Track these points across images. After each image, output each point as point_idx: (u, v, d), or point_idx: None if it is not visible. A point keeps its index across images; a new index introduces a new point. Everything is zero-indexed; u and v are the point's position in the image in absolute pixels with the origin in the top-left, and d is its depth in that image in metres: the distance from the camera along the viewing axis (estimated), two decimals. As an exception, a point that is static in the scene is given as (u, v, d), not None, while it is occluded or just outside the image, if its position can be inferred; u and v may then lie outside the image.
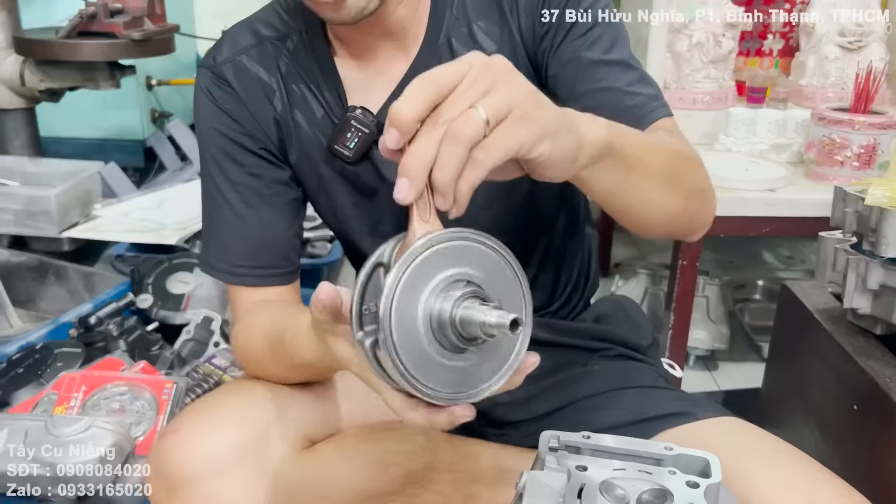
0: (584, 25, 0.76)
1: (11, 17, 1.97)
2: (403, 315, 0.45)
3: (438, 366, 0.47)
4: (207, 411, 0.76)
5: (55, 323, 1.30)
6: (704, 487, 0.60)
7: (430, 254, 0.46)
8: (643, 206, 0.66)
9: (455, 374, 0.49)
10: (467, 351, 0.48)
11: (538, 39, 0.77)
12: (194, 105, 0.85)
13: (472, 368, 0.49)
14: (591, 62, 0.75)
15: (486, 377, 0.50)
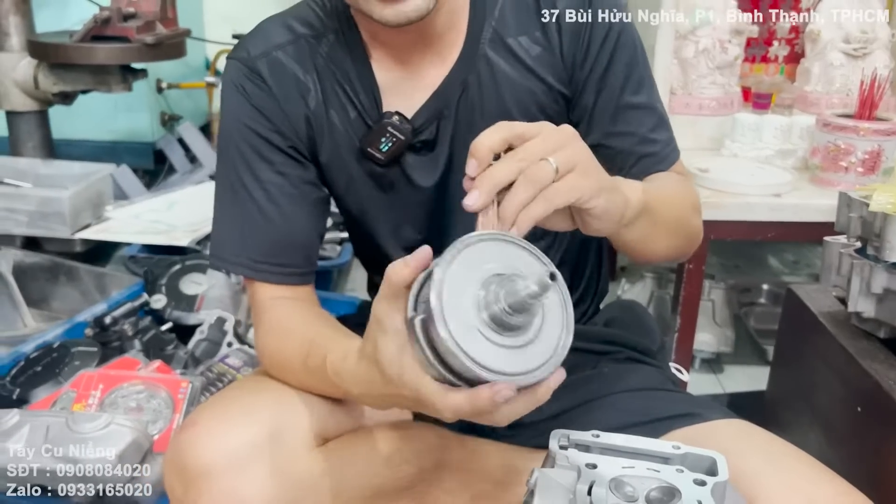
0: (622, 65, 0.80)
1: (25, 20, 2.02)
2: (455, 287, 0.50)
3: (485, 341, 0.50)
4: (224, 407, 0.77)
5: (71, 322, 1.32)
6: (711, 485, 0.61)
7: (480, 243, 0.53)
8: (653, 249, 0.76)
9: (501, 353, 0.51)
10: (514, 329, 0.51)
11: (579, 64, 0.80)
12: (222, 97, 0.84)
13: (519, 351, 0.51)
14: (623, 105, 0.81)
15: (533, 363, 0.51)
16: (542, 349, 0.52)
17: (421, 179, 0.85)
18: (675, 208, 0.77)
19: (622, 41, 0.80)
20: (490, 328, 0.51)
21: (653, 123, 0.82)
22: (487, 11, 0.81)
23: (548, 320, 0.53)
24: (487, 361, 0.50)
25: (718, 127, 1.58)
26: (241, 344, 1.25)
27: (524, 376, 0.51)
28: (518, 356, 0.51)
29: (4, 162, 2.01)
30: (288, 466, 0.74)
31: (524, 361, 0.51)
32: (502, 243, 0.54)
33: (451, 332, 0.49)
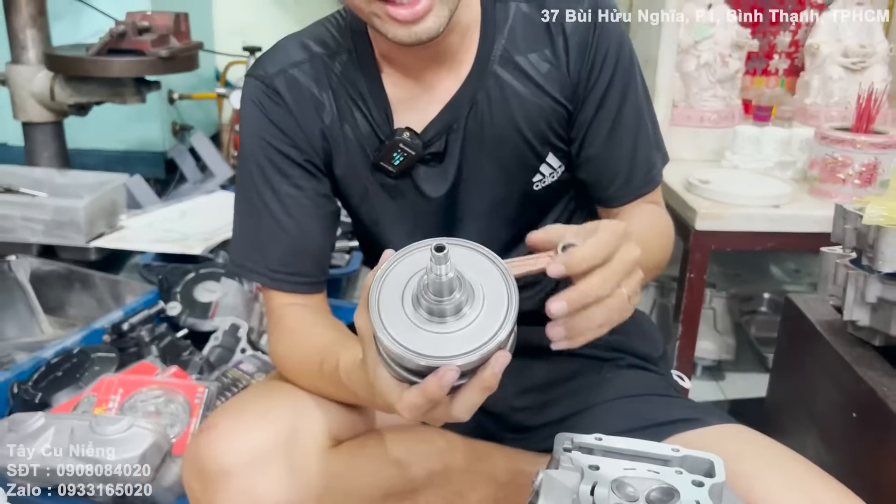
0: (621, 86, 0.84)
1: (42, 34, 2.05)
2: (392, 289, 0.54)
3: (423, 331, 0.52)
4: (242, 411, 0.79)
5: (88, 329, 1.35)
6: (709, 486, 0.63)
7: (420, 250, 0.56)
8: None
9: (439, 339, 0.52)
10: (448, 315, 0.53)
11: (583, 82, 0.83)
12: (241, 114, 0.86)
13: (458, 334, 0.53)
14: (618, 126, 0.84)
15: (473, 344, 0.52)
16: (481, 331, 0.53)
17: (431, 190, 0.87)
18: (656, 252, 0.81)
19: (622, 64, 0.83)
20: (426, 319, 0.53)
21: (644, 147, 0.86)
22: (498, 30, 0.83)
23: (489, 305, 0.54)
24: (424, 348, 0.52)
25: (720, 139, 1.61)
26: (255, 350, 1.28)
27: (465, 356, 0.52)
28: (458, 340, 0.52)
29: (21, 172, 2.04)
30: (302, 467, 0.76)
31: (464, 343, 0.52)
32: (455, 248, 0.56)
33: (386, 329, 0.52)
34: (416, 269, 0.55)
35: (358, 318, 0.59)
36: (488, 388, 0.54)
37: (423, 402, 0.54)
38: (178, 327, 1.37)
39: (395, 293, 0.54)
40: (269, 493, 0.73)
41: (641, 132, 0.86)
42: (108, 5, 2.30)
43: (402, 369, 0.55)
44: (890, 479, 0.89)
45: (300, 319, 0.85)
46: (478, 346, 0.52)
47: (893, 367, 0.96)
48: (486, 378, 0.53)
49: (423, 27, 0.73)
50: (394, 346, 0.52)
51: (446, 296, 0.52)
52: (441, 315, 0.53)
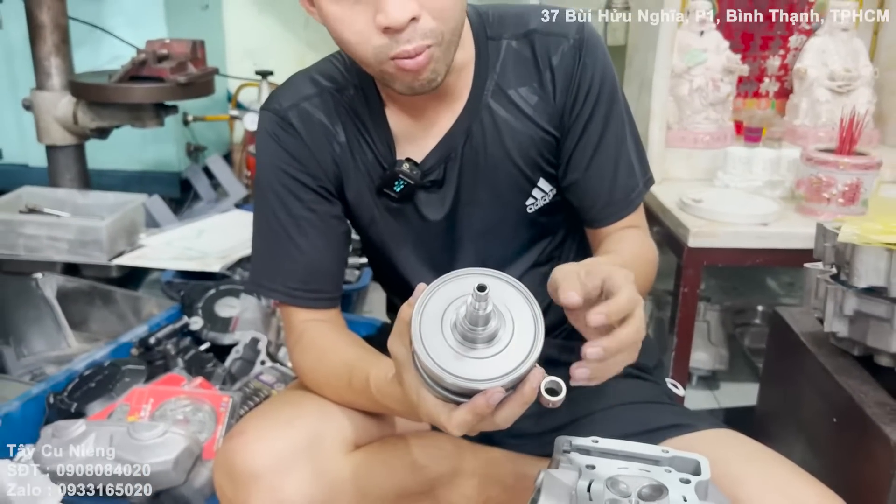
0: (603, 116, 0.89)
1: (65, 62, 2.14)
2: (431, 318, 0.59)
3: (464, 357, 0.58)
4: (269, 418, 0.84)
5: (116, 343, 1.42)
6: (695, 483, 0.69)
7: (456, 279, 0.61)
8: None
9: (480, 364, 0.58)
10: (484, 341, 0.58)
11: (568, 111, 0.89)
12: (257, 144, 0.92)
13: (496, 358, 0.58)
14: (599, 152, 0.90)
15: (510, 365, 0.58)
16: (516, 353, 0.59)
17: (431, 214, 0.93)
18: (643, 278, 0.86)
19: (604, 96, 0.89)
20: (464, 346, 0.58)
21: (624, 171, 0.91)
22: (490, 67, 0.88)
23: (518, 329, 0.59)
24: (470, 374, 0.58)
25: (712, 159, 1.66)
26: (273, 362, 1.34)
27: (507, 376, 0.58)
28: (496, 363, 0.58)
29: (44, 192, 2.12)
30: (325, 469, 0.80)
31: (503, 366, 0.58)
32: (474, 276, 0.61)
33: (432, 358, 0.58)
34: (449, 301, 0.60)
35: (393, 346, 0.65)
36: (528, 401, 0.60)
37: (472, 418, 0.59)
38: (200, 341, 1.44)
39: (435, 324, 0.59)
40: (294, 494, 0.78)
41: (622, 158, 0.91)
42: (125, 32, 2.39)
43: (444, 390, 0.61)
44: (867, 478, 0.94)
45: (322, 335, 0.90)
46: (516, 367, 0.58)
47: (871, 376, 1.01)
48: (525, 393, 0.60)
49: (424, 79, 0.78)
50: (445, 375, 0.57)
51: (484, 326, 0.58)
52: (478, 341, 0.58)
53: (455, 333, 0.59)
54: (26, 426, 1.20)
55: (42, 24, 2.07)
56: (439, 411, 0.61)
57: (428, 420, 0.64)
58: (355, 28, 0.75)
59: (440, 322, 0.59)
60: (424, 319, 0.59)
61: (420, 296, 0.60)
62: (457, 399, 0.61)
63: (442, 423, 0.61)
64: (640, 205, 0.95)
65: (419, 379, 0.62)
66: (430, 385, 0.62)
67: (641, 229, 0.95)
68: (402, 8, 0.72)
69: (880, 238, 0.95)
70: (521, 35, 0.89)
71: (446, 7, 0.75)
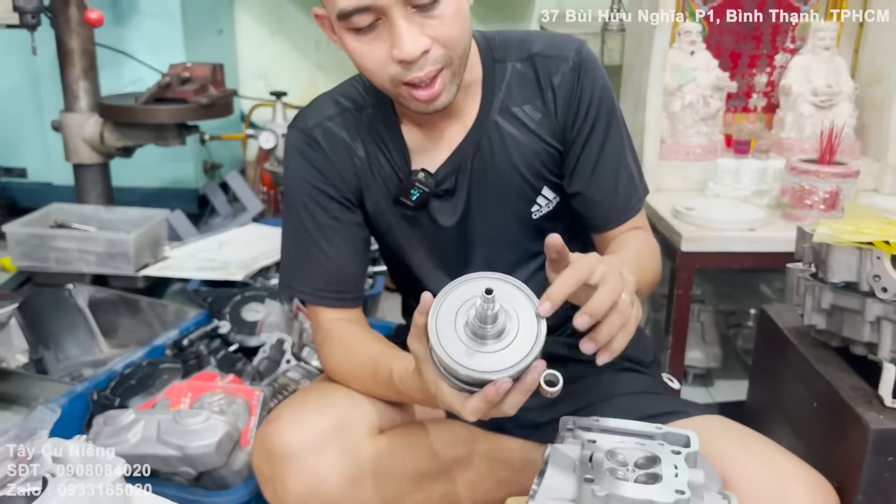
0: (602, 129, 0.97)
1: (93, 85, 2.24)
2: (445, 319, 0.67)
3: (475, 352, 0.66)
4: (301, 405, 0.92)
5: (150, 346, 1.51)
6: (685, 454, 0.78)
7: (467, 283, 0.68)
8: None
9: (489, 357, 0.66)
10: (492, 337, 0.66)
11: (569, 126, 0.97)
12: (285, 160, 1.00)
13: (504, 352, 0.66)
14: (601, 163, 0.97)
15: (516, 358, 0.66)
16: (521, 347, 0.66)
17: (444, 220, 1.00)
18: (647, 272, 0.92)
19: (603, 111, 0.97)
20: (475, 342, 0.66)
21: (624, 179, 0.99)
22: (496, 86, 0.96)
23: (523, 325, 0.67)
24: (482, 367, 0.65)
25: (703, 171, 1.74)
26: (298, 361, 1.44)
27: (513, 368, 0.65)
28: (503, 356, 0.66)
29: (72, 209, 2.22)
30: (353, 450, 0.87)
31: (510, 358, 0.66)
32: (482, 280, 0.68)
33: (448, 354, 0.65)
34: (461, 302, 0.68)
35: (412, 345, 0.73)
36: (530, 389, 0.68)
37: (484, 405, 0.67)
38: (228, 343, 1.54)
39: (449, 324, 0.67)
40: (326, 472, 0.85)
41: (622, 168, 0.99)
42: (147, 56, 2.50)
43: (458, 381, 0.68)
44: (844, 456, 1.00)
45: (348, 333, 0.96)
46: (521, 359, 0.66)
47: (848, 364, 1.07)
48: (528, 382, 0.67)
49: (439, 103, 0.86)
50: (460, 368, 0.65)
51: (492, 324, 0.66)
52: (488, 337, 0.66)
53: (467, 331, 0.67)
54: (72, 421, 1.30)
55: (71, 50, 2.17)
56: (455, 400, 0.69)
57: (445, 407, 0.72)
58: (374, 59, 0.84)
59: (454, 321, 0.68)
60: (440, 320, 0.67)
61: (435, 299, 0.68)
62: (470, 389, 0.69)
63: (458, 409, 0.69)
64: (640, 209, 1.01)
65: (437, 372, 0.71)
66: (447, 377, 0.70)
67: (644, 229, 1.03)
68: (414, 44, 0.80)
69: (851, 238, 1.00)
70: (525, 58, 0.97)
71: (454, 37, 0.84)
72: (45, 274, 2.04)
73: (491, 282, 0.68)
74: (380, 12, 0.80)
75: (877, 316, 0.98)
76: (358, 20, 0.81)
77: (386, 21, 0.81)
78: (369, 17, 0.80)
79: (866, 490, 0.95)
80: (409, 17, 0.80)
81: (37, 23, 2.03)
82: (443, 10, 0.81)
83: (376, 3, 0.79)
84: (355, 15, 0.80)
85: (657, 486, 0.71)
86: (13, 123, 2.76)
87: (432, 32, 0.82)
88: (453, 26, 0.83)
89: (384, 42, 0.82)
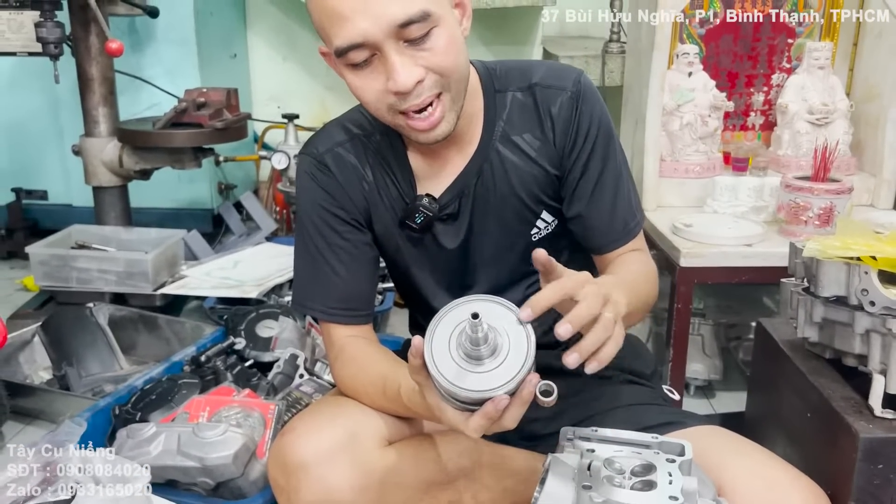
0: (600, 156, 1.00)
1: (112, 111, 2.31)
2: (439, 346, 0.70)
3: (470, 373, 0.69)
4: (315, 418, 0.94)
5: (169, 362, 1.57)
6: (679, 462, 0.80)
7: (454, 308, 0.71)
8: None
9: (485, 377, 0.69)
10: (485, 357, 0.68)
11: (567, 153, 1.00)
12: (298, 184, 1.03)
13: (498, 370, 0.69)
14: (599, 188, 1.00)
15: (509, 374, 0.69)
16: (513, 363, 0.69)
17: (448, 242, 1.03)
18: (642, 296, 0.94)
19: (601, 139, 0.99)
20: (470, 363, 0.69)
21: (622, 204, 1.02)
22: (497, 115, 0.99)
23: (514, 342, 0.70)
24: (479, 386, 0.68)
25: (702, 188, 1.78)
26: (311, 375, 1.49)
27: (508, 384, 0.68)
28: (498, 374, 0.69)
29: (91, 230, 2.29)
30: (363, 461, 0.89)
31: (504, 375, 0.69)
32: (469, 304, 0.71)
33: (447, 379, 0.68)
34: (451, 329, 0.70)
35: (413, 376, 0.76)
36: (527, 402, 0.71)
37: (485, 422, 0.70)
38: (244, 359, 1.59)
39: (444, 350, 0.70)
40: (338, 482, 0.87)
41: (619, 193, 1.02)
42: (163, 81, 2.56)
43: (460, 402, 0.71)
44: (836, 464, 1.02)
45: (361, 350, 1.00)
46: (514, 375, 0.69)
47: (840, 375, 1.10)
48: (524, 395, 0.70)
49: (439, 132, 0.90)
50: (459, 391, 0.68)
51: (484, 345, 0.68)
52: (482, 358, 0.69)
53: (461, 354, 0.69)
54: (96, 435, 1.34)
55: (91, 78, 2.25)
56: (458, 420, 0.73)
57: (449, 427, 0.76)
58: (371, 92, 0.88)
59: (447, 347, 0.70)
60: (435, 349, 0.70)
61: (427, 329, 0.71)
62: (471, 407, 0.73)
63: (461, 429, 0.73)
64: (638, 233, 1.04)
65: (439, 395, 0.74)
66: (448, 399, 0.74)
67: (642, 252, 1.06)
68: (408, 75, 0.85)
69: (839, 253, 1.03)
70: (525, 87, 1.01)
71: (447, 66, 0.87)
72: (66, 293, 2.11)
73: (477, 304, 0.71)
74: (374, 48, 0.84)
75: (866, 329, 1.01)
76: (354, 56, 0.85)
77: (380, 56, 0.85)
78: (364, 52, 0.85)
79: (857, 496, 0.97)
80: (402, 50, 0.84)
81: (59, 52, 2.11)
82: (434, 42, 0.85)
83: (369, 40, 0.83)
84: (351, 51, 0.84)
85: (652, 493, 0.74)
86: (35, 148, 2.84)
87: (425, 63, 0.85)
88: (446, 56, 0.86)
89: (380, 75, 0.86)
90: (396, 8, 0.82)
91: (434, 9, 0.84)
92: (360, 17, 0.82)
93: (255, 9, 3.13)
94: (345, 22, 0.83)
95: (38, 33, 2.05)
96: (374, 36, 0.83)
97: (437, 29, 0.85)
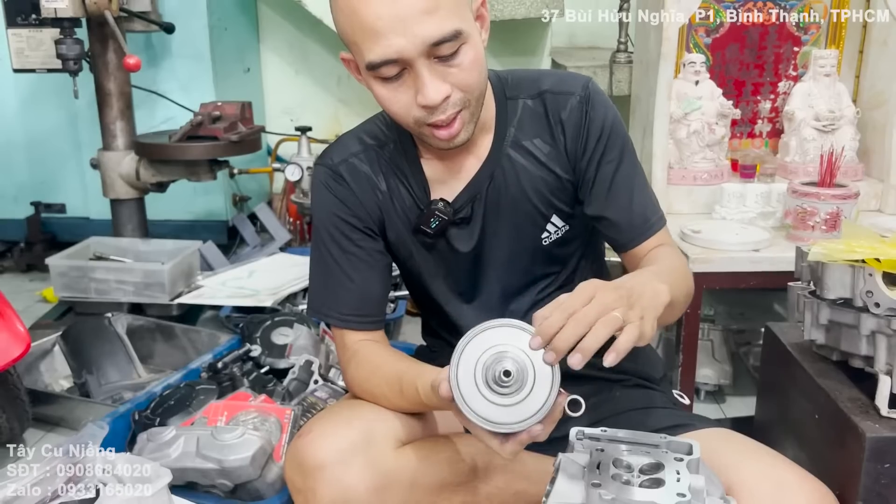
0: (614, 156, 1.01)
1: (129, 125, 2.36)
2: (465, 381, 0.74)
3: (498, 408, 0.73)
4: (330, 420, 0.95)
5: (186, 369, 1.60)
6: (687, 461, 0.82)
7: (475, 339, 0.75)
8: (668, 318, 0.93)
9: (512, 412, 0.74)
10: (509, 392, 0.72)
11: (579, 157, 1.02)
12: (313, 194, 1.06)
13: (526, 401, 0.73)
14: (615, 187, 1.01)
15: (539, 402, 0.74)
16: (542, 390, 0.74)
17: (461, 246, 1.05)
18: (681, 287, 0.95)
19: (612, 141, 1.01)
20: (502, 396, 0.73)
21: (640, 198, 1.03)
22: (509, 121, 1.02)
23: (538, 371, 0.74)
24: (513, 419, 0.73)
25: (710, 195, 1.79)
26: (325, 381, 1.52)
27: (539, 413, 0.74)
28: (529, 404, 0.73)
29: (109, 242, 2.34)
30: (378, 461, 0.91)
31: (535, 404, 0.73)
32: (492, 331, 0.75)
33: (484, 419, 0.73)
34: (475, 360, 0.74)
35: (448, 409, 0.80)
36: (557, 419, 0.77)
37: (519, 447, 0.77)
38: (260, 365, 1.62)
39: (471, 387, 0.74)
40: (353, 482, 0.89)
41: (636, 191, 1.02)
42: (178, 96, 2.62)
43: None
44: (843, 464, 1.04)
45: (374, 353, 1.02)
46: (545, 402, 0.74)
47: (847, 377, 1.11)
48: (555, 415, 0.76)
49: (458, 139, 0.93)
50: (497, 428, 0.73)
51: (512, 383, 0.73)
52: (512, 393, 0.74)
53: (489, 387, 0.73)
54: (116, 440, 1.37)
55: (109, 93, 2.31)
56: (490, 440, 0.78)
57: (481, 442, 0.80)
58: (400, 104, 0.91)
59: (474, 383, 0.74)
60: (462, 388, 0.74)
61: (449, 370, 0.75)
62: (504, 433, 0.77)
63: (495, 451, 0.78)
64: (661, 228, 1.04)
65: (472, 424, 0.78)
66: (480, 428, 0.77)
67: (670, 246, 1.06)
68: (437, 91, 0.88)
69: (843, 256, 1.04)
70: (535, 95, 1.03)
71: (472, 83, 0.91)
72: (85, 303, 2.15)
73: (497, 332, 0.74)
74: (405, 64, 0.87)
75: (871, 330, 1.02)
76: (386, 71, 0.87)
77: (411, 71, 0.87)
78: (396, 68, 0.87)
79: (865, 496, 0.98)
80: (432, 67, 0.87)
81: (78, 68, 2.16)
82: (462, 59, 0.88)
83: (402, 57, 0.86)
84: (383, 66, 0.87)
85: (660, 490, 0.75)
86: (54, 162, 2.90)
87: (453, 80, 0.89)
88: (471, 73, 0.89)
89: (409, 89, 0.89)
90: (432, 27, 0.84)
91: (464, 27, 0.87)
92: (395, 35, 0.84)
93: (267, 24, 3.18)
94: (379, 38, 0.85)
95: (58, 50, 2.10)
96: (408, 53, 0.85)
97: (465, 46, 0.88)
